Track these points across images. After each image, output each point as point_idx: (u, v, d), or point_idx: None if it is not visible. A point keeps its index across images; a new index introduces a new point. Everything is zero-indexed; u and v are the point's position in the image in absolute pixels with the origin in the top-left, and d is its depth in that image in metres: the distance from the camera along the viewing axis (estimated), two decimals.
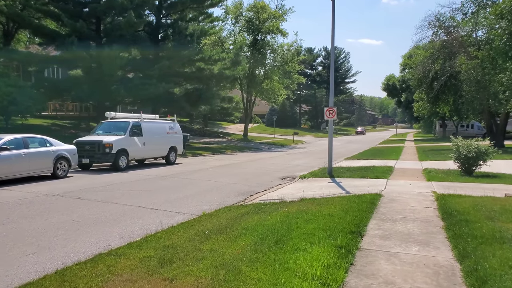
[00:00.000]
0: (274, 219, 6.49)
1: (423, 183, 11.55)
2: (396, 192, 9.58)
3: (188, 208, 8.28)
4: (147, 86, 25.96)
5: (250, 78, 41.48)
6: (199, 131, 45.77)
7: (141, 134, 15.75)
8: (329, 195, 9.17)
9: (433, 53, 30.91)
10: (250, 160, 20.98)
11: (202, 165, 17.76)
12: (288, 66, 42.27)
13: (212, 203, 8.92)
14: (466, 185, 10.69)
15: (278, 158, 23.01)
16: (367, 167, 15.57)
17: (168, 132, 17.41)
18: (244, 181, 12.71)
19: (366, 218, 6.58)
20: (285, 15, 41.98)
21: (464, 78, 26.28)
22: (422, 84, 32.48)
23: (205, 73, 29.30)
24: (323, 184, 11.82)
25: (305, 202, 8.23)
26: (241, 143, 38.04)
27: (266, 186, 11.87)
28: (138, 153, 15.69)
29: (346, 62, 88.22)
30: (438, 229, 6.04)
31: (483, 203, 7.41)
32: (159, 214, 7.70)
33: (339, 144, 42.39)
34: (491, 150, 12.85)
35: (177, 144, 17.92)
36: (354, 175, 13.37)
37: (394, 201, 8.37)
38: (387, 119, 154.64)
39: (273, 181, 13.07)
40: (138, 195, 9.82)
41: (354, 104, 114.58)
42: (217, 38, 38.86)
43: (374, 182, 11.60)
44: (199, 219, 6.87)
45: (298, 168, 17.55)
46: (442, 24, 30.70)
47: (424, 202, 8.33)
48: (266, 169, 16.62)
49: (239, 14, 39.43)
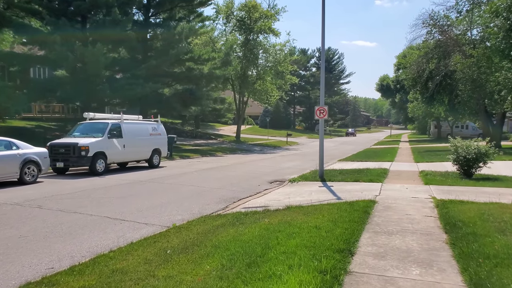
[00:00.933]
0: (252, 233, 5.60)
1: (420, 187, 10.73)
2: (392, 198, 8.74)
3: (159, 219, 7.38)
4: (134, 86, 24.99)
5: (242, 79, 40.62)
6: (190, 132, 44.80)
7: (121, 135, 14.79)
8: (318, 202, 8.31)
9: (427, 52, 30.26)
10: (239, 163, 20.09)
11: (187, 168, 16.84)
12: (280, 66, 41.46)
13: (188, 212, 8.02)
14: (467, 189, 9.89)
15: (269, 160, 22.15)
16: (361, 170, 14.75)
17: (151, 134, 16.46)
18: (229, 186, 11.83)
19: (358, 231, 5.71)
20: (277, 14, 41.21)
21: (459, 77, 25.62)
22: (417, 84, 31.80)
23: (194, 73, 28.38)
24: (313, 189, 10.97)
25: (291, 210, 7.36)
26: (233, 144, 37.15)
27: (252, 192, 10.99)
28: (118, 156, 14.73)
29: (340, 63, 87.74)
30: (442, 244, 5.19)
31: (490, 212, 6.58)
32: (124, 226, 6.79)
33: (333, 145, 41.64)
34: (492, 151, 12.08)
35: (161, 146, 16.98)
36: (347, 178, 12.53)
37: (390, 209, 7.52)
38: (381, 120, 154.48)
39: (261, 186, 12.20)
40: (109, 202, 8.89)
41: (349, 105, 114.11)
42: (208, 38, 37.94)
43: (368, 187, 10.76)
44: (166, 233, 5.97)
45: (289, 171, 16.70)
46: (437, 23, 30.07)
47: (423, 209, 7.49)
48: (255, 172, 15.75)
49: (230, 14, 38.59)
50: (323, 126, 13.14)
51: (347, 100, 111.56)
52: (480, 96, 25.47)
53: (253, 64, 40.28)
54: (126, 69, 28.18)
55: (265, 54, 41.32)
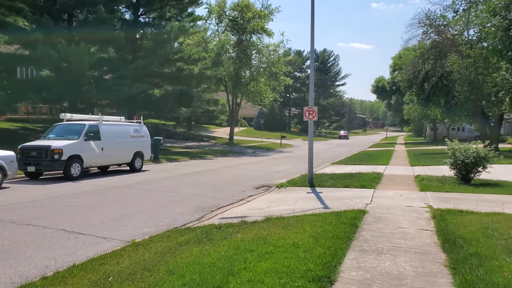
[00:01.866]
0: (218, 253, 4.78)
1: (415, 193, 9.94)
2: (384, 207, 7.94)
3: (122, 232, 6.53)
4: (120, 87, 24.10)
5: (235, 80, 39.85)
6: (182, 134, 43.93)
7: (99, 138, 13.92)
8: (302, 212, 7.50)
9: (423, 53, 29.62)
10: (228, 166, 19.26)
11: (172, 172, 15.98)
12: (274, 67, 40.74)
13: (157, 224, 7.18)
14: (466, 197, 9.12)
15: (260, 163, 21.34)
16: (353, 174, 13.95)
17: (132, 136, 15.58)
18: (211, 192, 10.99)
19: (342, 250, 4.90)
20: (271, 14, 40.49)
21: (456, 78, 24.95)
22: (413, 85, 31.13)
23: (184, 73, 27.54)
24: (300, 196, 10.16)
25: (270, 223, 6.54)
26: (225, 147, 36.33)
27: (235, 198, 10.17)
28: (95, 160, 13.85)
29: (336, 64, 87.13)
30: (440, 268, 4.38)
31: (494, 226, 5.79)
32: (78, 241, 5.94)
33: (327, 147, 40.90)
34: (491, 155, 11.32)
35: (143, 149, 16.11)
36: (337, 183, 11.73)
37: (381, 221, 6.72)
38: (377, 122, 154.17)
39: (245, 192, 11.38)
40: (72, 212, 8.03)
41: (344, 107, 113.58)
42: (200, 38, 37.15)
43: (359, 193, 9.96)
44: (120, 252, 5.13)
45: (279, 174, 15.90)
46: (433, 23, 29.44)
47: (418, 221, 6.69)
48: (243, 176, 14.92)
49: (223, 13, 37.82)
50: (313, 128, 12.34)
51: (343, 102, 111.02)
52: (477, 97, 24.80)
53: (246, 65, 39.53)
54: (115, 69, 27.30)
55: (259, 54, 40.58)
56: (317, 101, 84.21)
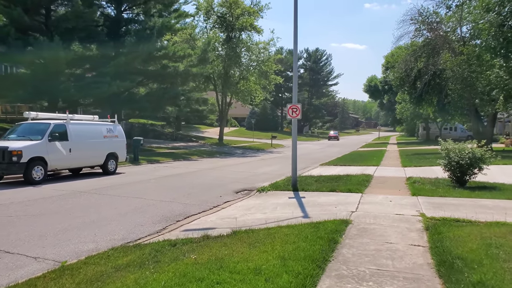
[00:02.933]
0: (157, 283, 3.78)
1: (407, 198, 9.03)
2: (371, 216, 7.00)
3: (61, 249, 5.51)
4: (100, 85, 22.98)
5: (225, 78, 38.81)
6: (170, 135, 42.79)
7: (66, 138, 12.82)
8: (276, 223, 6.52)
9: (415, 50, 28.86)
10: (212, 168, 18.25)
11: (149, 174, 14.93)
12: (264, 65, 39.77)
13: (107, 238, 6.17)
14: (462, 202, 8.22)
15: (247, 165, 20.37)
16: (341, 176, 13.03)
17: (105, 136, 14.48)
18: (183, 198, 9.99)
19: (314, 277, 3.93)
20: (260, 11, 39.41)
21: (449, 76, 24.19)
22: (405, 84, 30.37)
23: (168, 70, 26.44)
24: (281, 201, 9.20)
25: (236, 237, 5.56)
26: (213, 147, 35.31)
27: (209, 205, 9.18)
28: (62, 162, 12.74)
29: (328, 64, 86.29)
30: None
31: (498, 241, 4.87)
32: (0, 262, 4.91)
33: (318, 148, 40.06)
34: (488, 155, 10.46)
35: (118, 150, 15.01)
36: (323, 187, 10.79)
37: (366, 234, 5.77)
38: (370, 122, 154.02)
39: (223, 197, 10.39)
40: (10, 224, 6.98)
41: (337, 107, 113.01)
42: (188, 35, 36.04)
43: (344, 199, 9.02)
44: (34, 281, 4.11)
45: (263, 177, 14.94)
46: (425, 20, 28.70)
47: (409, 234, 5.76)
48: (225, 179, 13.94)
49: (210, 10, 36.74)
50: (296, 127, 11.38)
51: (336, 102, 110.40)
52: (470, 96, 24.06)
53: (235, 63, 38.48)
54: (97, 67, 26.17)
55: (248, 52, 39.57)
56: (310, 101, 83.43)
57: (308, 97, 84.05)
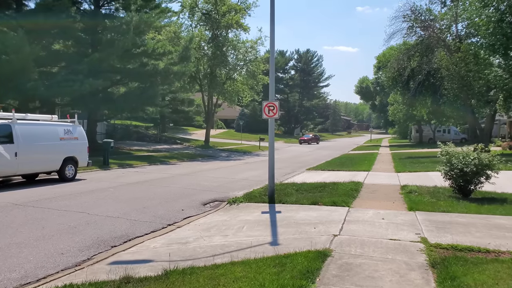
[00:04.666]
0: None
1: (403, 215, 7.46)
2: (358, 243, 5.40)
3: None
4: (71, 83, 21.17)
5: (211, 78, 37.15)
6: (154, 137, 40.98)
7: (11, 140, 11.08)
8: (232, 255, 4.89)
9: (408, 49, 27.52)
10: (188, 173, 16.58)
11: (112, 181, 13.21)
12: (252, 65, 38.22)
13: (2, 275, 4.50)
14: (471, 221, 6.67)
15: (228, 169, 18.75)
16: (327, 184, 11.45)
17: (62, 138, 12.72)
18: (135, 213, 8.32)
19: None
20: (248, 9, 37.91)
21: (444, 74, 22.83)
22: (397, 84, 29.02)
23: (147, 68, 24.71)
24: (251, 218, 7.58)
25: (164, 285, 3.92)
26: (198, 150, 33.61)
27: (162, 223, 7.54)
28: (5, 168, 10.97)
29: (319, 65, 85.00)
30: None
31: None
32: None
33: (308, 150, 38.56)
34: (496, 161, 8.96)
35: (77, 154, 13.25)
36: (304, 199, 9.18)
37: (349, 275, 4.16)
38: (362, 125, 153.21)
39: (185, 210, 8.76)
40: None
41: (329, 109, 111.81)
42: (172, 33, 34.32)
43: (327, 215, 7.43)
44: None
45: (241, 184, 13.35)
46: (418, 17, 27.36)
47: (409, 275, 4.16)
48: (197, 187, 12.28)
49: (195, 6, 35.08)
50: (273, 128, 9.78)
51: (327, 104, 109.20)
52: (467, 96, 22.72)
53: (221, 62, 36.81)
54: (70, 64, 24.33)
55: (235, 51, 37.96)
56: (301, 103, 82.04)
57: (299, 99, 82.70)
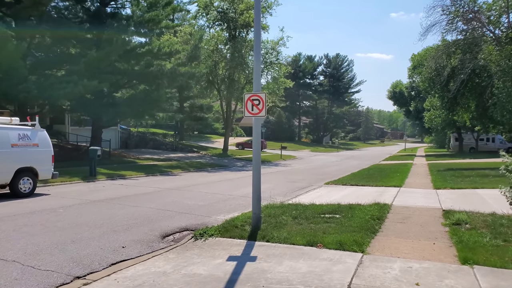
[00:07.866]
0: None
1: (452, 274, 4.42)
2: None
3: None
4: (65, 84, 19.35)
5: (229, 83, 34.80)
6: (170, 144, 39.02)
7: None
8: None
9: (448, 45, 23.86)
10: (179, 187, 14.00)
11: (82, 197, 10.81)
12: (273, 68, 35.59)
13: None
14: None
15: (230, 183, 16.06)
16: (341, 208, 8.46)
17: (14, 144, 10.50)
18: (47, 253, 5.77)
19: None
20: (269, 8, 35.38)
21: (494, 71, 19.14)
22: (435, 85, 25.27)
23: (151, 69, 22.60)
24: (203, 272, 4.81)
25: None
26: (212, 159, 31.18)
27: (70, 274, 4.96)
28: None
29: (350, 70, 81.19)
30: None
31: None
32: None
33: (335, 160, 35.27)
34: None
35: (36, 164, 10.97)
36: (297, 235, 6.26)
37: None
38: (396, 133, 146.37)
39: (126, 248, 6.21)
40: None
41: (360, 117, 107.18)
42: (188, 35, 32.31)
43: (323, 271, 4.49)
44: None
45: (237, 203, 10.66)
46: (459, 10, 23.62)
47: None
48: (173, 208, 9.64)
49: (210, 4, 32.92)
50: (259, 130, 6.98)
51: (359, 111, 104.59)
52: None
53: (240, 65, 34.38)
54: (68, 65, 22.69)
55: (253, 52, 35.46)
56: (330, 109, 78.45)
57: (328, 105, 79.14)
